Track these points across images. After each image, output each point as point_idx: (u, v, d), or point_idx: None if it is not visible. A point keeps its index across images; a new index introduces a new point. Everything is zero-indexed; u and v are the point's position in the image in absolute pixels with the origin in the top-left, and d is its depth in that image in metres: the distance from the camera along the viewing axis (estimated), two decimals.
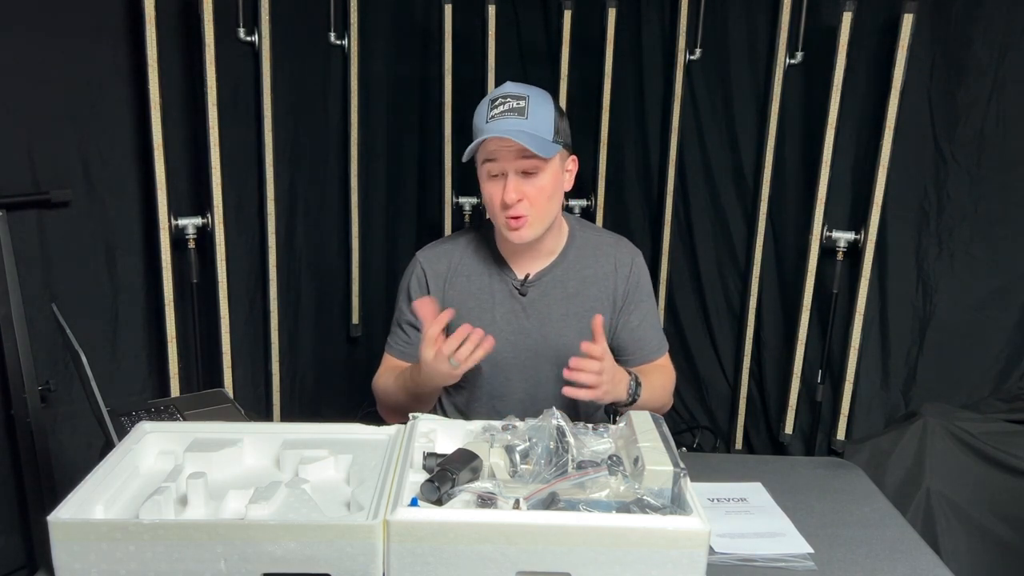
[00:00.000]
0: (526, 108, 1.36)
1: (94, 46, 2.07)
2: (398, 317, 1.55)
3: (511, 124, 1.34)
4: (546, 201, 1.40)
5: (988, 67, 2.36)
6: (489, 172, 1.39)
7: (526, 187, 1.37)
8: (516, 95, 1.38)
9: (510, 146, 1.34)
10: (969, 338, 2.50)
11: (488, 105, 1.38)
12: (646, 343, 1.54)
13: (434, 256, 1.54)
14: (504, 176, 1.38)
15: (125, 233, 2.20)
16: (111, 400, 1.34)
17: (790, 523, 1.22)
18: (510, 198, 1.36)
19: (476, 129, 1.40)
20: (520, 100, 1.37)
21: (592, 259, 1.53)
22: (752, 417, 2.92)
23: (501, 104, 1.36)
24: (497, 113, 1.36)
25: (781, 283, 2.81)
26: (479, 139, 1.36)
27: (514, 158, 1.36)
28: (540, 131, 1.36)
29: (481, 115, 1.39)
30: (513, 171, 1.37)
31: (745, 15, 2.69)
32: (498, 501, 0.96)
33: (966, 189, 2.45)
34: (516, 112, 1.35)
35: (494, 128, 1.34)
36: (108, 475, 1.02)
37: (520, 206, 1.38)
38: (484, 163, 1.39)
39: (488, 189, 1.41)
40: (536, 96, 1.39)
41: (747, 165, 2.79)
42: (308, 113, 2.69)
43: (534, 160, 1.36)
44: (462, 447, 1.07)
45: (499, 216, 1.41)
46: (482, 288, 1.50)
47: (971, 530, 2.19)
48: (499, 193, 1.38)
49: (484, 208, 2.75)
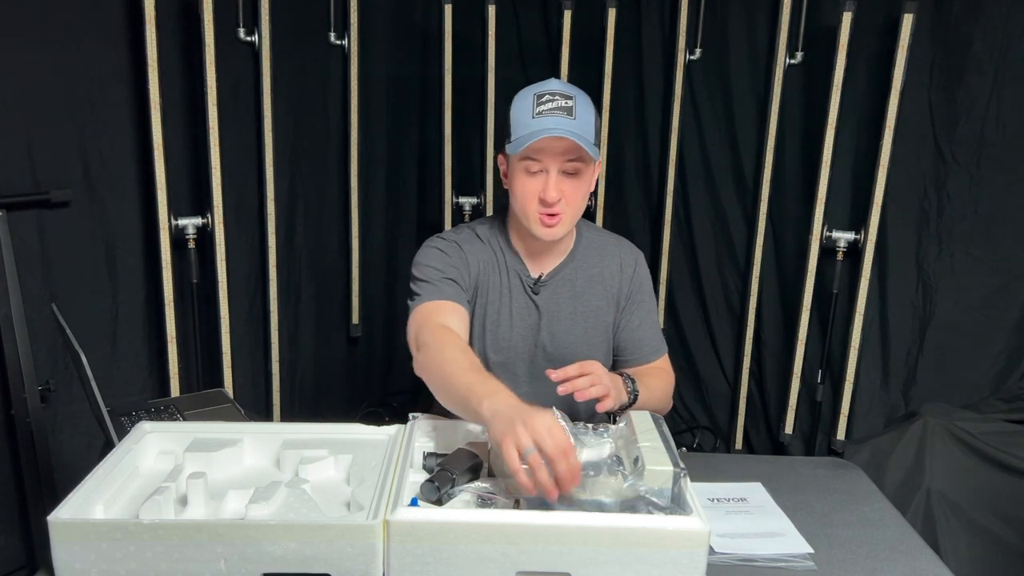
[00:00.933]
0: (574, 108, 1.34)
1: (94, 46, 2.07)
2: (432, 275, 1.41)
3: (561, 123, 1.33)
4: (581, 202, 1.40)
5: (988, 67, 2.36)
6: (529, 168, 1.37)
7: (566, 187, 1.36)
8: (564, 94, 1.36)
9: (558, 145, 1.33)
10: (969, 338, 2.50)
11: (534, 100, 1.35)
12: (645, 343, 1.54)
13: (462, 238, 1.49)
14: (544, 173, 1.36)
15: (125, 233, 2.20)
16: (111, 400, 1.35)
17: (790, 523, 1.22)
18: (552, 196, 1.35)
19: (518, 122, 1.36)
20: (568, 100, 1.35)
21: (598, 259, 1.53)
22: (752, 417, 2.92)
23: (549, 101, 1.34)
24: (545, 110, 1.34)
25: (781, 283, 2.81)
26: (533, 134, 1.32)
27: (560, 157, 1.34)
28: (586, 132, 1.35)
29: (525, 109, 1.36)
30: (556, 170, 1.35)
31: (745, 15, 2.69)
32: (498, 501, 0.96)
33: (966, 189, 2.45)
34: (565, 111, 1.34)
35: (546, 125, 1.32)
36: (108, 475, 1.02)
37: (559, 204, 1.37)
38: (524, 159, 1.36)
39: (525, 183, 1.38)
40: (582, 97, 1.37)
41: (747, 165, 2.79)
42: (308, 113, 2.69)
43: (579, 162, 1.35)
44: (462, 447, 1.07)
45: (531, 211, 1.38)
46: (500, 282, 1.48)
47: (971, 530, 2.19)
48: (538, 189, 1.36)
49: (484, 208, 2.78)
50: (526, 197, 1.38)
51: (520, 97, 1.39)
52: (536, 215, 1.38)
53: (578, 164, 1.36)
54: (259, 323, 2.61)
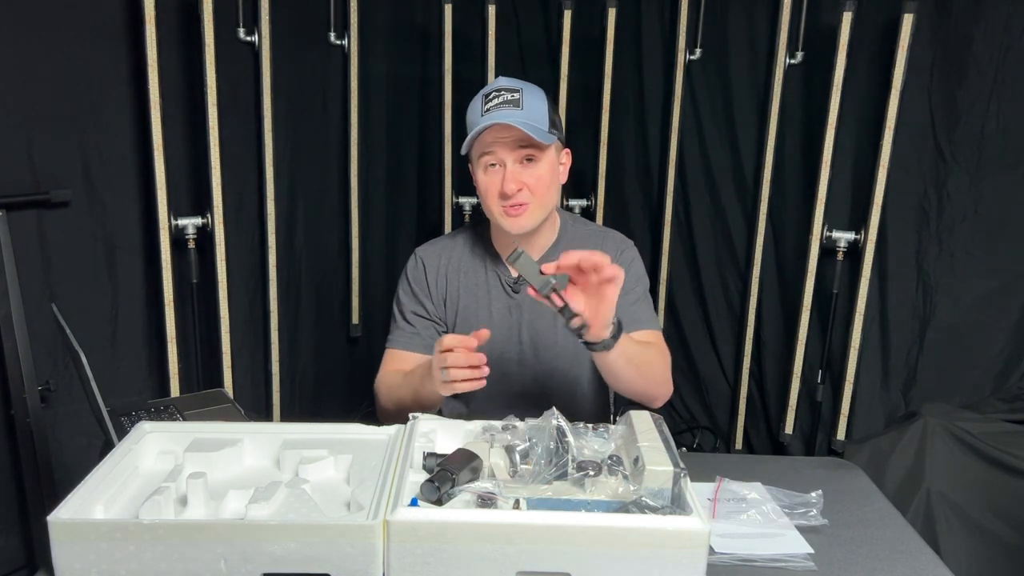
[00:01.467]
0: (520, 99, 1.37)
1: (94, 46, 2.07)
2: (400, 310, 1.55)
3: (506, 114, 1.35)
4: (545, 190, 1.41)
5: (988, 67, 2.36)
6: (486, 164, 1.40)
7: (524, 176, 1.38)
8: (509, 88, 1.39)
9: (507, 136, 1.35)
10: (969, 338, 2.50)
11: (482, 100, 1.39)
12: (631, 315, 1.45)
13: (433, 252, 1.55)
14: (502, 167, 1.38)
15: (125, 233, 2.20)
16: (111, 400, 1.34)
17: (790, 523, 1.22)
18: (509, 188, 1.37)
19: (471, 124, 1.41)
20: (514, 92, 1.38)
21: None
22: (752, 417, 2.92)
23: (495, 97, 1.37)
24: (492, 106, 1.37)
25: (781, 283, 2.81)
26: (477, 128, 1.36)
27: (512, 147, 1.36)
28: (535, 120, 1.37)
29: (476, 110, 1.40)
30: (511, 161, 1.37)
31: (745, 15, 2.69)
32: (498, 501, 0.96)
33: (966, 189, 2.45)
34: (511, 104, 1.36)
35: (490, 119, 1.35)
36: (108, 475, 1.02)
37: (520, 195, 1.38)
38: (481, 156, 1.40)
39: (485, 181, 1.41)
40: (529, 88, 1.40)
41: (747, 165, 2.79)
42: (308, 113, 2.69)
43: (532, 148, 1.37)
44: (462, 447, 1.07)
45: (495, 207, 1.41)
46: (479, 285, 1.52)
47: (971, 530, 2.19)
48: (497, 184, 1.38)
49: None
50: (488, 194, 1.41)
51: (472, 101, 1.43)
52: (500, 209, 1.41)
53: (533, 151, 1.37)
54: (259, 323, 2.61)
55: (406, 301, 1.54)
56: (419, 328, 1.52)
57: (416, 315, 1.52)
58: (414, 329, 1.52)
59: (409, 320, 1.53)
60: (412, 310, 1.53)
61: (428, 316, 1.52)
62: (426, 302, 1.53)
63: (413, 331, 1.52)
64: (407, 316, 1.53)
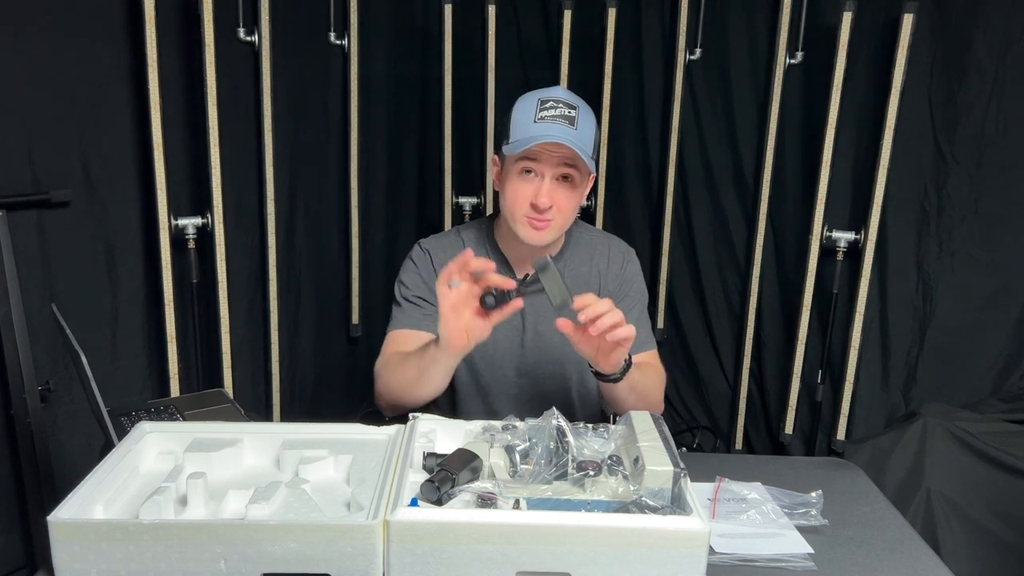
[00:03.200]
0: (576, 119, 1.35)
1: (94, 46, 2.07)
2: (405, 294, 1.51)
3: (561, 130, 1.33)
4: (572, 211, 1.41)
5: (988, 67, 2.36)
6: (524, 169, 1.37)
7: (558, 194, 1.37)
8: (568, 103, 1.36)
9: (556, 152, 1.34)
10: (969, 338, 2.50)
11: (537, 104, 1.36)
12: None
13: (439, 245, 1.54)
14: (539, 177, 1.37)
15: (125, 233, 2.20)
16: (111, 400, 1.34)
17: (790, 523, 1.22)
18: (544, 202, 1.36)
19: (519, 124, 1.37)
20: (572, 109, 1.36)
21: (587, 257, 1.53)
22: (752, 417, 2.92)
23: (552, 108, 1.35)
24: (548, 116, 1.34)
25: (781, 283, 2.81)
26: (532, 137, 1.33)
27: (557, 164, 1.35)
28: (585, 144, 1.35)
29: (527, 112, 1.37)
30: (550, 176, 1.36)
31: (745, 15, 2.69)
32: (498, 501, 0.96)
33: (966, 189, 2.44)
34: (567, 120, 1.34)
35: (547, 131, 1.33)
36: (108, 475, 1.02)
37: (550, 211, 1.37)
38: (521, 160, 1.37)
39: (518, 186, 1.39)
40: (585, 109, 1.38)
41: (747, 165, 2.79)
42: (308, 113, 2.69)
43: (574, 170, 1.36)
44: (462, 447, 1.07)
45: (521, 214, 1.39)
46: None
47: (971, 530, 2.19)
48: (531, 193, 1.37)
49: (484, 208, 2.77)
50: (517, 200, 1.39)
51: (523, 100, 1.39)
52: (524, 218, 1.39)
53: (573, 172, 1.36)
54: (259, 323, 2.61)
55: (412, 285, 1.50)
56: (428, 310, 1.48)
57: (422, 299, 1.49)
58: (422, 310, 1.48)
59: (415, 302, 1.49)
60: (418, 294, 1.49)
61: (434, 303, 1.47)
62: (431, 284, 1.48)
63: (422, 312, 1.47)
64: (412, 299, 1.49)
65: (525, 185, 1.38)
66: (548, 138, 1.32)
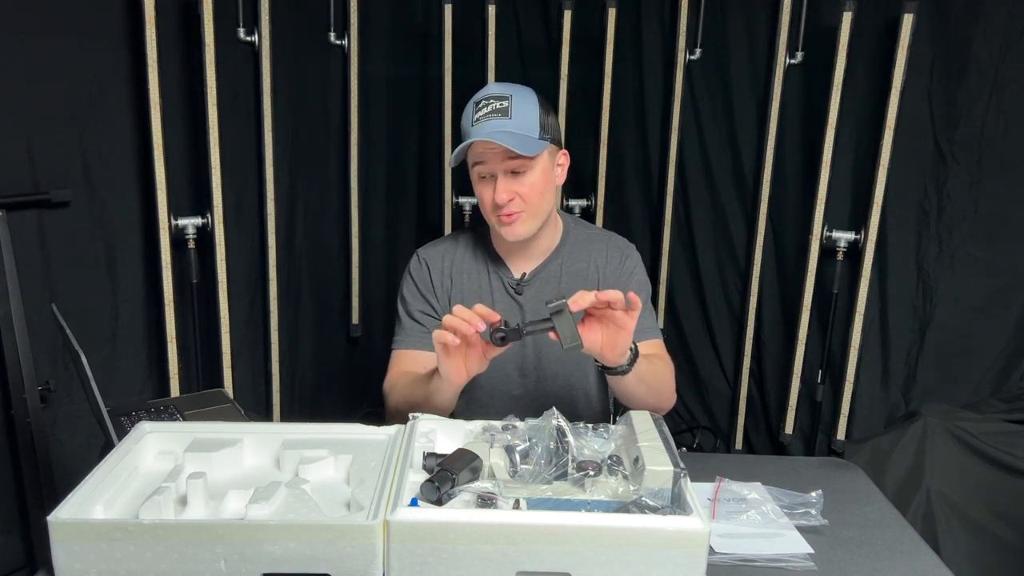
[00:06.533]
0: (509, 108, 1.36)
1: (94, 46, 2.07)
2: (407, 310, 1.53)
3: (495, 125, 1.35)
4: (538, 197, 1.41)
5: (988, 67, 2.36)
6: (479, 174, 1.41)
7: (516, 186, 1.39)
8: (499, 95, 1.38)
9: (495, 148, 1.35)
10: (969, 338, 2.50)
11: (473, 108, 1.39)
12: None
13: (436, 253, 1.55)
14: (494, 177, 1.39)
15: (125, 233, 2.20)
16: (111, 400, 1.34)
17: (790, 523, 1.22)
18: (500, 199, 1.38)
19: (463, 132, 1.41)
20: (503, 100, 1.37)
21: (585, 254, 1.53)
22: (752, 417, 2.92)
23: (485, 106, 1.37)
24: (482, 115, 1.37)
25: (781, 283, 2.81)
26: (464, 144, 1.38)
27: (501, 159, 1.36)
28: (525, 129, 1.37)
29: (467, 118, 1.40)
30: (502, 172, 1.38)
31: (745, 15, 2.69)
32: (498, 501, 0.96)
33: (966, 189, 2.45)
34: (499, 113, 1.36)
35: (479, 131, 1.36)
36: (108, 475, 1.02)
37: (512, 204, 1.39)
38: (474, 166, 1.41)
39: (479, 191, 1.42)
40: (519, 94, 1.39)
41: (747, 165, 2.79)
42: (308, 113, 2.69)
43: (520, 160, 1.36)
44: (462, 447, 1.07)
45: (492, 216, 1.42)
46: (481, 287, 1.52)
47: (971, 530, 2.19)
48: (490, 194, 1.40)
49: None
50: (483, 204, 1.43)
51: (466, 108, 1.42)
52: (495, 218, 1.42)
53: (522, 162, 1.37)
54: (259, 323, 2.61)
55: (412, 301, 1.53)
56: (429, 327, 1.49)
57: (424, 314, 1.51)
58: (423, 328, 1.50)
59: (417, 319, 1.51)
60: (420, 309, 1.51)
61: (436, 315, 1.51)
62: (433, 302, 1.52)
63: (423, 330, 1.50)
64: (415, 315, 1.52)
65: (484, 188, 1.41)
66: (480, 137, 1.34)
